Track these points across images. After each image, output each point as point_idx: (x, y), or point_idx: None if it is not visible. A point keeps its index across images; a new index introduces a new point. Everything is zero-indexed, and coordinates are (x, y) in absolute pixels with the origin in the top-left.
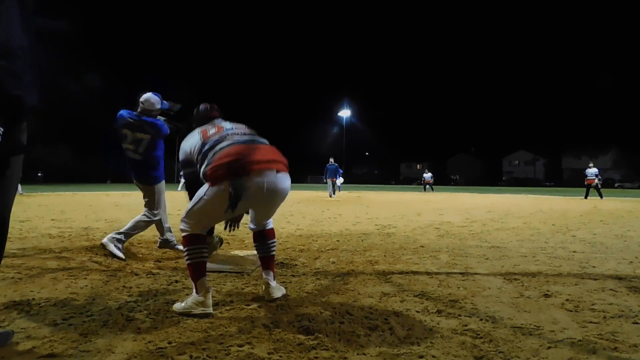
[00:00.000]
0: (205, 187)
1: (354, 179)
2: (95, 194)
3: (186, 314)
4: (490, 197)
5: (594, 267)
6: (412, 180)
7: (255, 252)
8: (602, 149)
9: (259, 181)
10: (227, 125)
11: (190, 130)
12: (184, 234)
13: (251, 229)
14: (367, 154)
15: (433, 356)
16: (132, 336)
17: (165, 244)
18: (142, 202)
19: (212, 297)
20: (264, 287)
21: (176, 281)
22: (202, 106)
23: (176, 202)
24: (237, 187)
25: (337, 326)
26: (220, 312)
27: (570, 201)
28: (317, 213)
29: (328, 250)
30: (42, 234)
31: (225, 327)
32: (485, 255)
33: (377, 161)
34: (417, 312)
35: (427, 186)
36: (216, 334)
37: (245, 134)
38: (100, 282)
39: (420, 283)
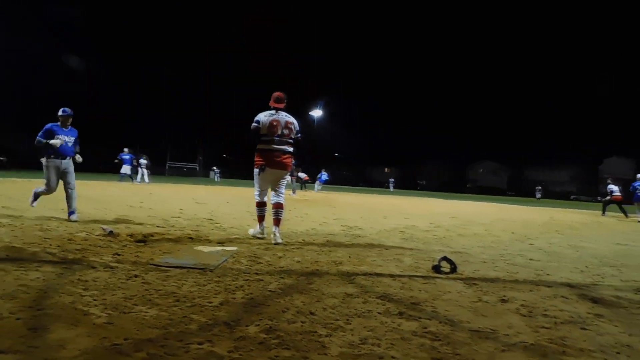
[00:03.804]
0: (255, 172)
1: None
2: None
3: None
4: (454, 204)
5: (548, 274)
6: (381, 184)
7: (218, 248)
8: (561, 163)
9: (271, 170)
10: (279, 130)
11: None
12: (256, 200)
13: (272, 202)
14: (336, 155)
15: (393, 357)
16: (86, 331)
17: None
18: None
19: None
20: (271, 235)
21: (135, 276)
22: (275, 95)
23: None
24: (262, 168)
25: (299, 325)
26: (181, 309)
27: (530, 211)
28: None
29: (293, 249)
30: None
31: (185, 324)
32: None
33: (346, 163)
34: (379, 313)
35: (302, 184)
36: (176, 331)
37: (282, 143)
38: (53, 274)
39: (384, 285)
